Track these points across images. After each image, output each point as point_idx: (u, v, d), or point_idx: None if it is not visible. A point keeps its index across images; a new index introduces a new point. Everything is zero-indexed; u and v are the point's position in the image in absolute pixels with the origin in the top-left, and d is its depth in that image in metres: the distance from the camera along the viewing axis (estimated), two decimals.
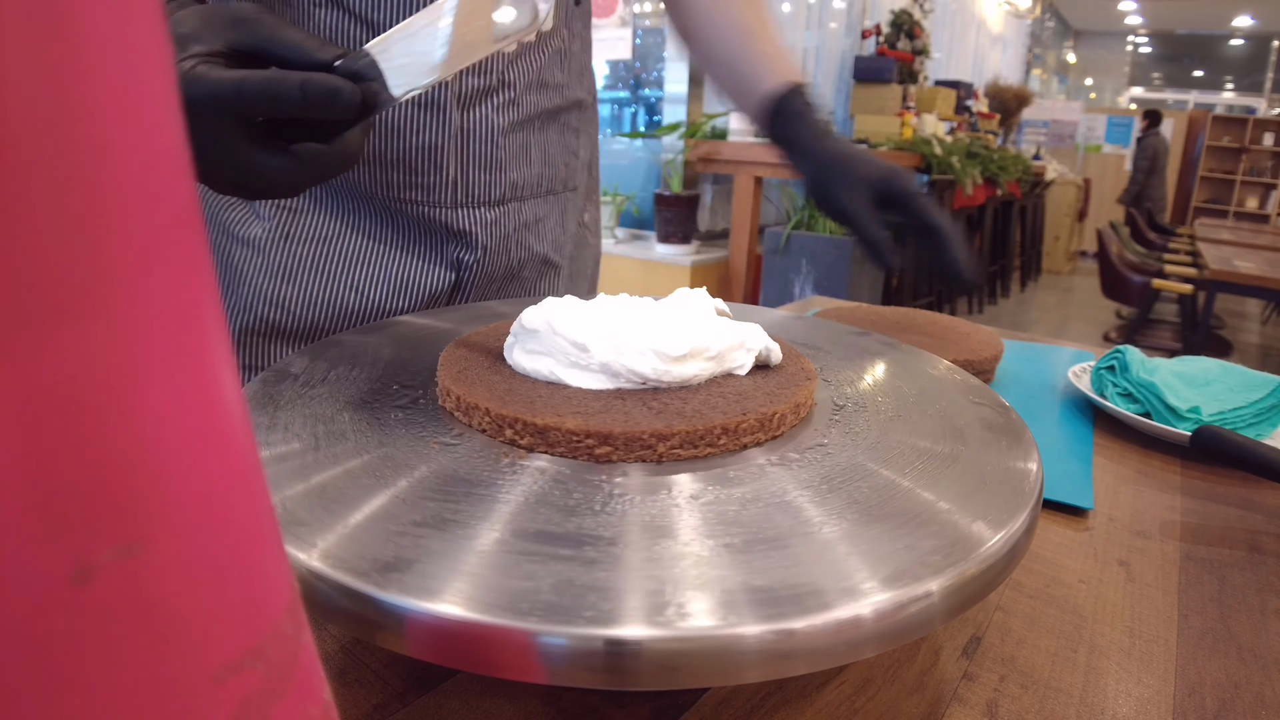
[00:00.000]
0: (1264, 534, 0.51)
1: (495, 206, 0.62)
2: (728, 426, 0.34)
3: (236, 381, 0.12)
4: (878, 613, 0.24)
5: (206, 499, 0.11)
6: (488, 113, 0.58)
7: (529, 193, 0.64)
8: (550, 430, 0.32)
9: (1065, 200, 6.72)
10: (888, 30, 4.50)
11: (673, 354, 0.36)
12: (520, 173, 0.62)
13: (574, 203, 0.72)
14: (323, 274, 0.60)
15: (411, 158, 0.57)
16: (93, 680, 0.10)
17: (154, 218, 0.10)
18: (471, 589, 0.24)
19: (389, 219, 0.60)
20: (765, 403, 0.36)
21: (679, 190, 3.01)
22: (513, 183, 0.62)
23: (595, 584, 0.24)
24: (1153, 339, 3.52)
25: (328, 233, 0.59)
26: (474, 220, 0.61)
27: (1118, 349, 0.70)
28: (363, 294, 0.60)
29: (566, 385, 0.36)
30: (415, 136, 0.56)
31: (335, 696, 0.16)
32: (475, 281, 0.63)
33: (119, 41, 0.10)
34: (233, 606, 0.12)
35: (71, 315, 0.09)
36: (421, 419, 0.36)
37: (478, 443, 0.34)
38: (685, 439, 0.33)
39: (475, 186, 0.60)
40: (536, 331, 0.37)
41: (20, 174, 0.09)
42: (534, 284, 0.69)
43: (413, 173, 0.58)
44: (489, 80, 0.57)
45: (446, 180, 0.59)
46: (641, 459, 0.33)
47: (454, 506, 0.28)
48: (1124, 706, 0.34)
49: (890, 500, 0.31)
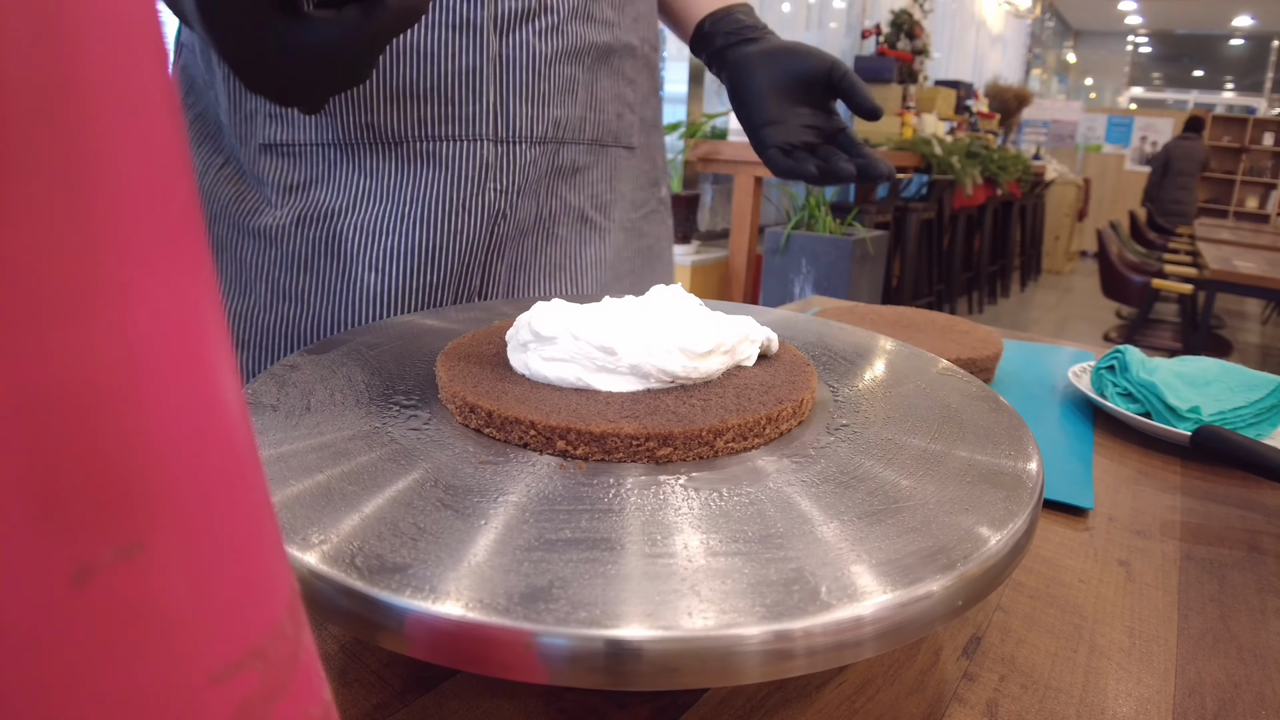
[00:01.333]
0: (1264, 534, 0.51)
1: (536, 145, 0.57)
2: (771, 416, 0.35)
3: (237, 381, 0.12)
4: (878, 613, 0.24)
5: (206, 499, 0.11)
6: (528, 38, 0.54)
7: (571, 135, 0.60)
8: (609, 437, 0.32)
9: (1065, 200, 6.72)
10: (888, 30, 4.50)
11: (699, 350, 0.37)
12: (565, 110, 0.58)
13: (633, 165, 0.67)
14: (340, 256, 0.56)
15: (447, 86, 0.53)
16: (93, 680, 0.10)
17: (154, 218, 0.10)
18: (472, 589, 0.24)
19: (419, 171, 0.55)
20: (792, 390, 0.38)
21: (679, 190, 3.01)
22: (555, 120, 0.57)
23: (595, 584, 0.24)
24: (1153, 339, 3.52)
25: (343, 205, 0.56)
26: (513, 158, 0.56)
27: (1118, 349, 0.70)
28: (382, 274, 0.57)
29: (597, 390, 0.36)
30: (450, 61, 0.53)
31: (335, 696, 0.16)
32: (509, 235, 0.59)
33: (119, 41, 0.10)
34: (233, 606, 0.12)
35: (71, 315, 0.09)
36: (425, 417, 0.36)
37: (522, 456, 0.33)
38: (738, 432, 0.34)
39: (516, 119, 0.56)
40: (554, 338, 0.37)
41: (20, 174, 0.09)
42: (576, 248, 0.64)
43: (448, 103, 0.54)
44: (528, 2, 0.54)
45: (486, 109, 0.54)
46: (700, 456, 0.33)
47: (454, 506, 0.28)
48: (1124, 706, 0.34)
49: (890, 500, 0.31)
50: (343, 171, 0.56)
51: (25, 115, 0.09)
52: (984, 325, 0.79)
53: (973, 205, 4.37)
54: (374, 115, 0.54)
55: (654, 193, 0.71)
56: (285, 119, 0.55)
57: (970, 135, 4.70)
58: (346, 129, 0.55)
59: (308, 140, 0.56)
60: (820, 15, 4.47)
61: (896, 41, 4.47)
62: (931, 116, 4.12)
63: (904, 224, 3.68)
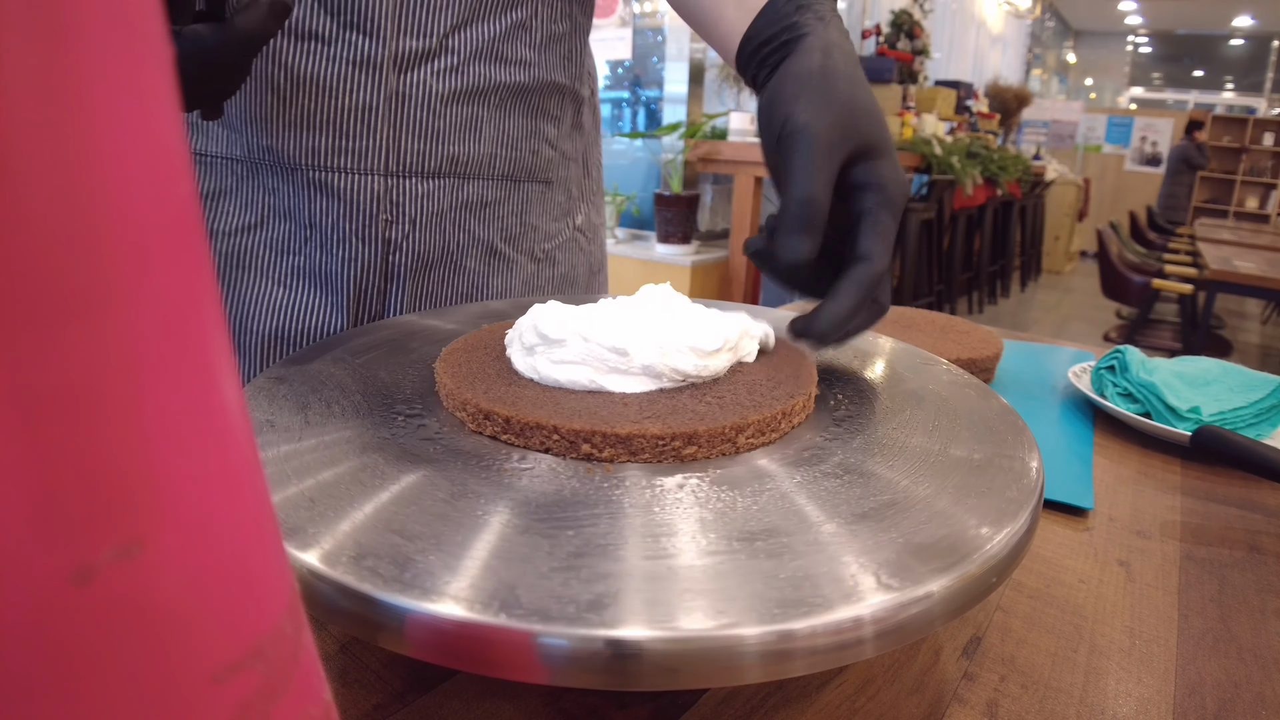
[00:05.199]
0: (1264, 534, 0.51)
1: (429, 179, 0.59)
2: (786, 411, 0.36)
3: (236, 381, 0.12)
4: (878, 614, 0.24)
5: (206, 499, 0.11)
6: (425, 77, 0.56)
7: (475, 172, 0.61)
8: (635, 438, 0.32)
9: (1065, 200, 6.72)
10: (888, 30, 4.50)
11: (708, 349, 0.37)
12: (464, 148, 0.59)
13: (547, 198, 0.68)
14: (247, 270, 0.58)
15: (342, 119, 0.55)
16: (93, 680, 0.10)
17: (154, 218, 0.10)
18: (471, 589, 0.24)
19: (313, 197, 0.57)
20: (799, 385, 0.38)
21: (679, 190, 3.01)
22: (452, 156, 0.59)
23: (595, 584, 0.24)
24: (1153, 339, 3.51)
25: (250, 221, 0.58)
26: (403, 191, 0.58)
27: (1118, 349, 0.70)
28: (288, 289, 0.58)
29: (611, 391, 0.36)
30: (347, 97, 0.54)
31: (335, 696, 0.16)
32: (409, 265, 0.60)
33: (119, 41, 0.10)
34: (233, 606, 0.12)
35: (71, 316, 0.09)
36: (424, 417, 0.36)
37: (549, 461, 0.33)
38: (758, 428, 0.34)
39: (408, 155, 0.57)
40: (563, 341, 0.37)
41: (20, 174, 0.09)
42: (485, 279, 0.65)
43: (342, 136, 0.55)
44: (428, 43, 0.55)
45: (378, 145, 0.56)
46: (723, 453, 0.34)
47: (454, 506, 0.28)
48: (1124, 706, 0.34)
49: (890, 500, 0.31)
50: (249, 187, 0.58)
51: (25, 116, 0.09)
52: (984, 325, 0.79)
53: (973, 205, 4.37)
54: (274, 139, 0.56)
55: (567, 223, 0.71)
56: (201, 129, 0.58)
57: (970, 135, 4.70)
58: (250, 148, 0.57)
59: (219, 153, 0.58)
60: None
61: (896, 41, 4.47)
62: (931, 116, 4.12)
63: (904, 224, 3.68)
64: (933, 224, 3.98)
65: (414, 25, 0.54)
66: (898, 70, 4.20)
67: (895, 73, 4.14)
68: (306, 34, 0.53)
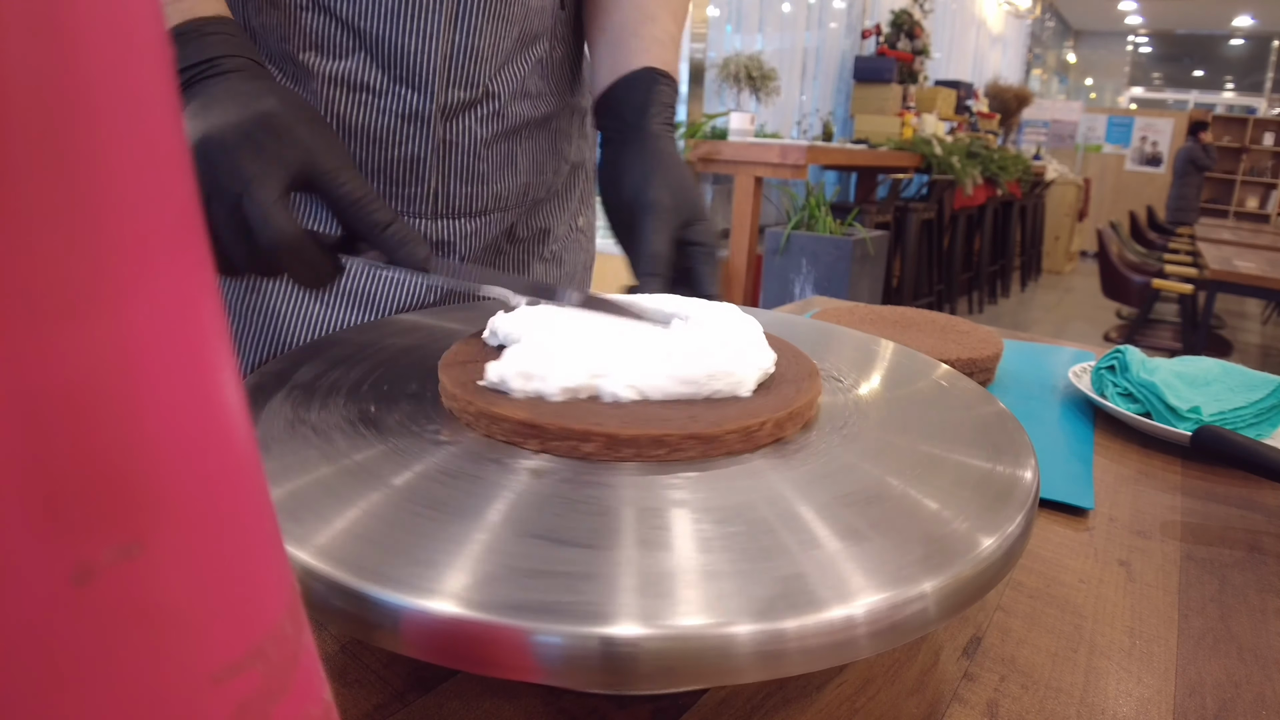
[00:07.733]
0: (1264, 534, 0.51)
1: (476, 217, 0.61)
2: (788, 414, 0.35)
3: (237, 381, 0.12)
4: (872, 614, 0.24)
5: (206, 499, 0.11)
6: (471, 124, 0.58)
7: (514, 202, 0.64)
8: (633, 439, 0.32)
9: (1065, 200, 6.72)
10: (888, 30, 4.50)
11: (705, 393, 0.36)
12: (505, 184, 0.62)
13: (563, 206, 0.71)
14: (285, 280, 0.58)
15: (391, 169, 0.57)
16: (93, 680, 0.10)
17: (154, 218, 0.10)
18: (467, 588, 0.24)
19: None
20: (799, 391, 0.37)
21: None
22: (496, 194, 0.62)
23: (591, 583, 0.24)
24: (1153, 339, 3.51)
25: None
26: (453, 231, 0.60)
27: (1118, 349, 0.70)
28: (326, 305, 0.60)
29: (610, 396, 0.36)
30: (397, 148, 0.56)
31: (335, 697, 0.16)
32: (448, 286, 0.62)
33: (119, 42, 0.10)
34: (233, 606, 0.12)
35: (72, 315, 0.09)
36: (423, 417, 0.36)
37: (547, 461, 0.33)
38: (759, 430, 0.34)
39: (455, 199, 0.59)
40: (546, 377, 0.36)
41: (21, 174, 0.09)
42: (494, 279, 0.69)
43: (392, 183, 0.57)
44: (474, 93, 0.57)
45: (427, 192, 0.58)
46: (722, 454, 0.34)
47: (451, 506, 0.28)
48: (1124, 706, 0.34)
49: (885, 501, 0.31)
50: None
51: (25, 116, 0.09)
52: (984, 325, 0.79)
53: (973, 205, 4.37)
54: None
55: (571, 224, 0.74)
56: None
57: (970, 135, 4.70)
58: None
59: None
60: (820, 15, 4.47)
61: (896, 41, 4.48)
62: (931, 116, 4.12)
63: (904, 224, 3.68)
64: (933, 224, 3.98)
65: (461, 77, 0.56)
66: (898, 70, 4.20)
67: (895, 73, 4.14)
68: (358, 85, 0.54)
